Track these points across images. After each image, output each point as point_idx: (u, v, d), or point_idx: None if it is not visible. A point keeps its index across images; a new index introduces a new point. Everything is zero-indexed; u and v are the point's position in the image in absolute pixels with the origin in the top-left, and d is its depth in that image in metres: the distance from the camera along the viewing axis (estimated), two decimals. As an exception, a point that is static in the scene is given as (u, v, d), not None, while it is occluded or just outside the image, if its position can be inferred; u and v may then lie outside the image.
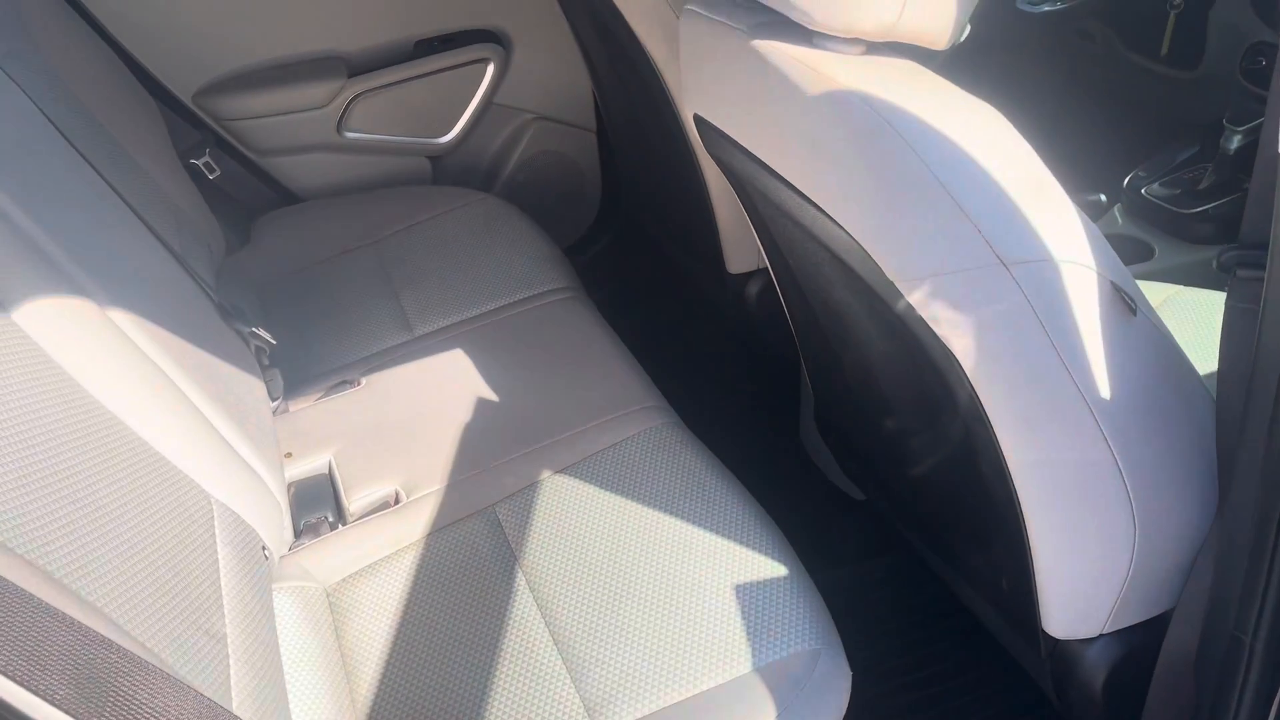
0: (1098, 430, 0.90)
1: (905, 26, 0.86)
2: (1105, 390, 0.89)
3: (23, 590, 0.61)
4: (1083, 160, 1.95)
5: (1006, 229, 0.83)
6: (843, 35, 0.88)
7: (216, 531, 1.07)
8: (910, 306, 0.88)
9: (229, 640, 0.96)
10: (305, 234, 1.92)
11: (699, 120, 1.14)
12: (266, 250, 1.89)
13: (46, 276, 1.02)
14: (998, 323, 0.85)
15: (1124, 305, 0.87)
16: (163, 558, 0.94)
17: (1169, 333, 0.93)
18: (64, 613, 0.60)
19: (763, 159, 0.98)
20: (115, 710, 0.58)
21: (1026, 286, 0.84)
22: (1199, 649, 1.00)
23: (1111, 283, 0.87)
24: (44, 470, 0.86)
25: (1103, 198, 1.87)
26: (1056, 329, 0.86)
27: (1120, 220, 1.86)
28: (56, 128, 1.30)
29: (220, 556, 1.05)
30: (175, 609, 0.91)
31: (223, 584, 1.02)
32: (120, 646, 0.62)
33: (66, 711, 0.55)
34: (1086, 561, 1.00)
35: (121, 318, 1.10)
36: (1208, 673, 0.98)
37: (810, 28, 0.89)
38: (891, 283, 0.87)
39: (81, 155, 1.32)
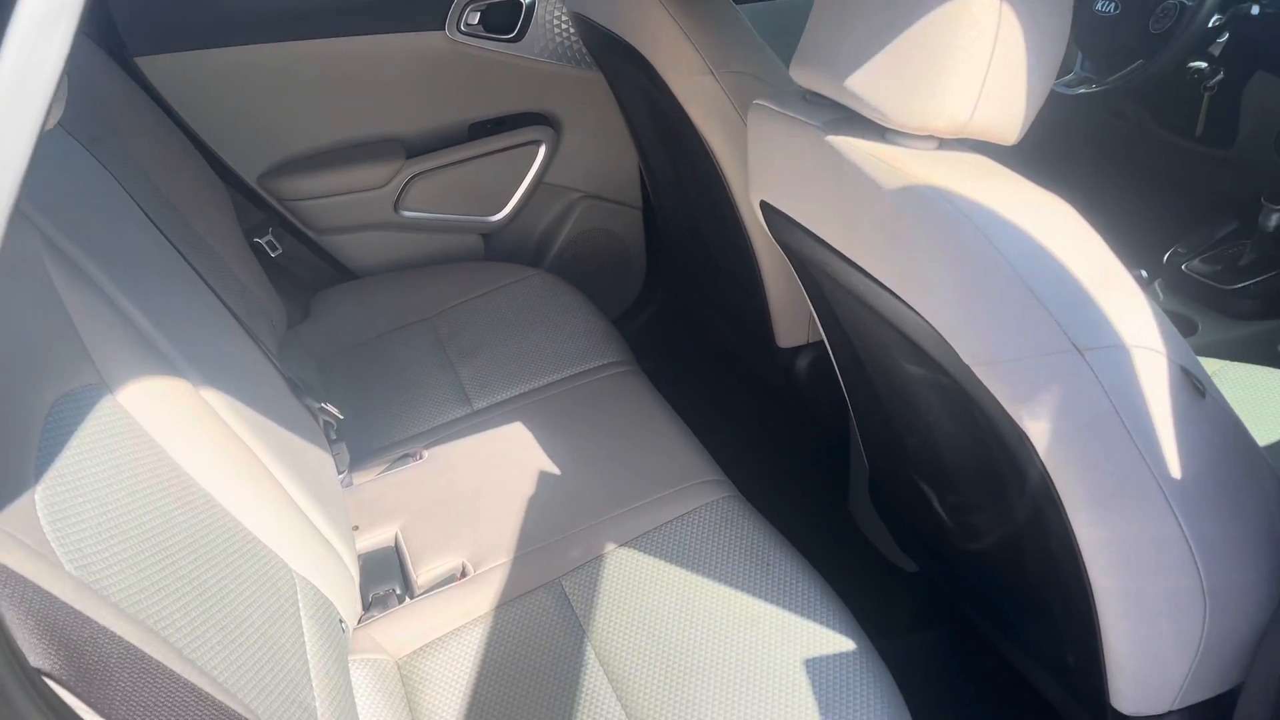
0: (1168, 509, 0.93)
1: (977, 124, 0.91)
2: (1175, 470, 0.91)
3: (172, 670, 0.64)
4: (1122, 237, 1.99)
5: (1080, 316, 0.86)
6: (917, 132, 0.93)
7: (300, 606, 1.10)
8: (984, 389, 0.91)
9: (318, 713, 0.99)
10: (363, 309, 1.97)
11: (766, 207, 1.18)
12: (326, 325, 1.94)
13: (145, 358, 1.07)
14: (1072, 406, 0.88)
15: (1192, 388, 0.90)
16: (258, 633, 0.97)
17: (1235, 413, 0.96)
18: (212, 695, 0.63)
19: (835, 246, 1.02)
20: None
21: (1100, 371, 0.87)
22: (1276, 716, 1.01)
23: (1181, 366, 0.90)
24: (155, 549, 0.89)
25: (1144, 274, 1.90)
26: (1129, 412, 0.88)
27: (1161, 296, 1.89)
28: (144, 211, 1.37)
29: (305, 630, 1.08)
30: (272, 684, 0.94)
31: (309, 658, 1.05)
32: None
33: None
34: (1157, 637, 1.02)
35: (212, 396, 1.15)
36: (1284, 747, 0.98)
37: (885, 125, 0.94)
38: (967, 367, 0.90)
39: (166, 238, 1.38)
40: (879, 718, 1.08)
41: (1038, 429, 0.91)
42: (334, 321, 1.96)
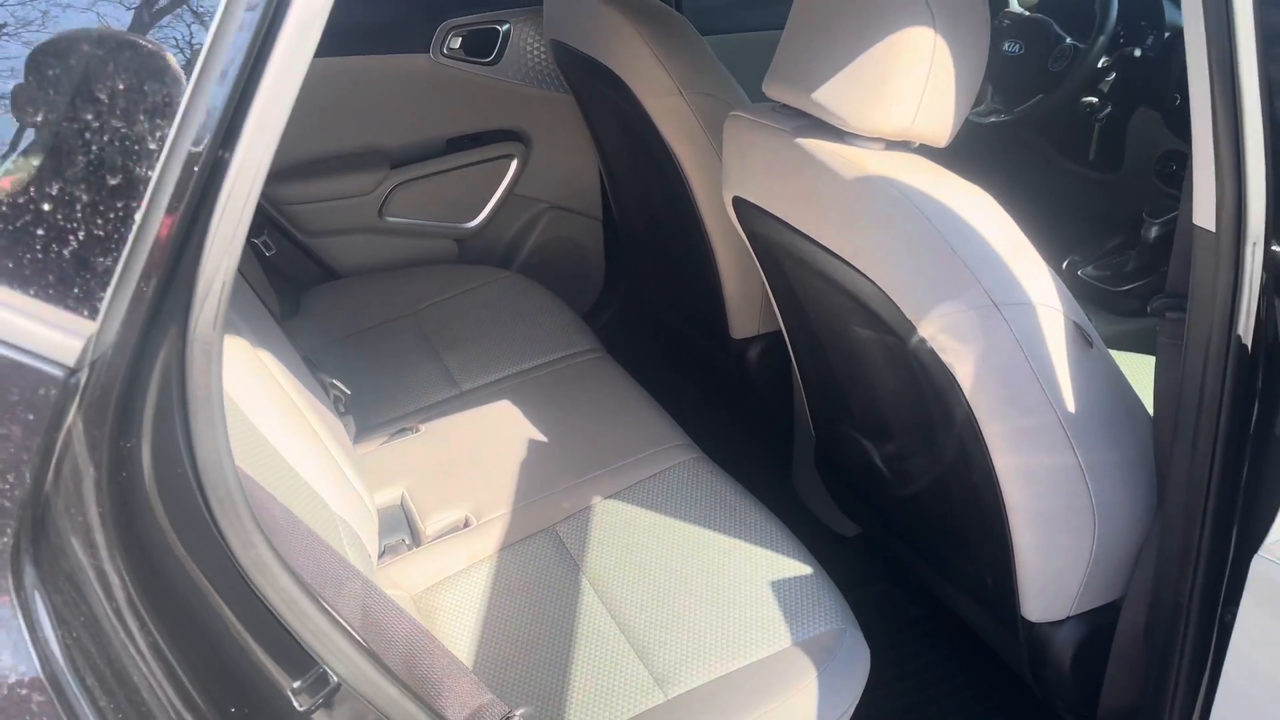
0: (1067, 440, 1.17)
1: (917, 128, 1.15)
2: (1070, 405, 1.16)
3: (312, 529, 0.82)
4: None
5: (998, 279, 1.10)
6: (869, 135, 1.17)
7: (343, 540, 1.28)
8: (922, 340, 1.14)
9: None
10: (350, 306, 2.14)
11: (739, 201, 1.41)
12: (316, 319, 2.11)
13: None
14: (991, 352, 1.12)
15: (1083, 339, 1.15)
16: (324, 557, 1.15)
17: (1115, 361, 1.21)
18: (349, 563, 0.82)
19: (802, 229, 1.25)
20: (385, 644, 0.80)
21: (1013, 323, 1.10)
22: (1149, 618, 1.25)
23: (1074, 322, 1.14)
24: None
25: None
26: (1035, 357, 1.12)
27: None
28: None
29: (351, 559, 1.25)
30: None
31: (358, 579, 1.23)
32: (394, 603, 0.84)
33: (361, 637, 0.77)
34: (1057, 551, 1.25)
35: (264, 355, 1.32)
36: (1156, 636, 1.22)
37: (844, 129, 1.18)
38: (909, 321, 1.13)
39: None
40: (834, 621, 1.30)
41: (964, 371, 1.14)
42: (323, 316, 2.12)
